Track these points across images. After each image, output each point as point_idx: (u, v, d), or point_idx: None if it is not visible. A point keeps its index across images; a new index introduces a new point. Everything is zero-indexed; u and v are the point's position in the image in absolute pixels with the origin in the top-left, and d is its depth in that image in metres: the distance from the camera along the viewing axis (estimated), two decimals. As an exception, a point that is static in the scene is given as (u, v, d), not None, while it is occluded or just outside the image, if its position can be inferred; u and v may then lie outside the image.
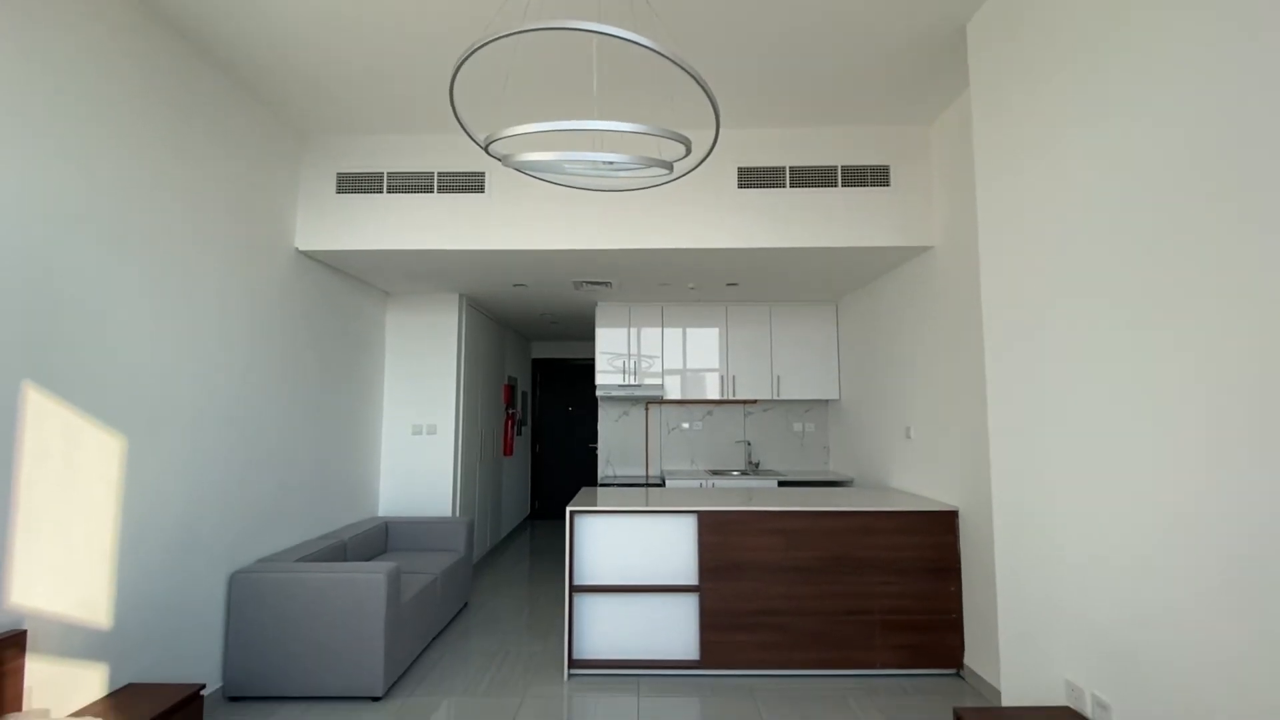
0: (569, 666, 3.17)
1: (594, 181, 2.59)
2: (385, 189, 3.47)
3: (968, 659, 3.11)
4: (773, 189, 3.44)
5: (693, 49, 2.73)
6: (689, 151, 1.91)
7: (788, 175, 3.44)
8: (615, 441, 5.50)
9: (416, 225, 3.46)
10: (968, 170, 3.06)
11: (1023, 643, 2.23)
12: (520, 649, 3.54)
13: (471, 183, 3.46)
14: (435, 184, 3.46)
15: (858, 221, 3.42)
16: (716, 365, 5.14)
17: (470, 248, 3.46)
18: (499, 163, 2.21)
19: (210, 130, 2.80)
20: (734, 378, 5.11)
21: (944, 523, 3.21)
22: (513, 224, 3.45)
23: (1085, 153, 1.93)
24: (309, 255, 3.59)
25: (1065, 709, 2.00)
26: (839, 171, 3.44)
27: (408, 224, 3.46)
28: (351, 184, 3.49)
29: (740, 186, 3.44)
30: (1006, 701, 2.33)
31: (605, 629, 3.20)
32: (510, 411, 6.61)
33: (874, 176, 3.44)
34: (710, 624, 3.17)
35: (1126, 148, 1.77)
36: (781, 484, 4.62)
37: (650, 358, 5.15)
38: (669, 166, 1.93)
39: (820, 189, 3.43)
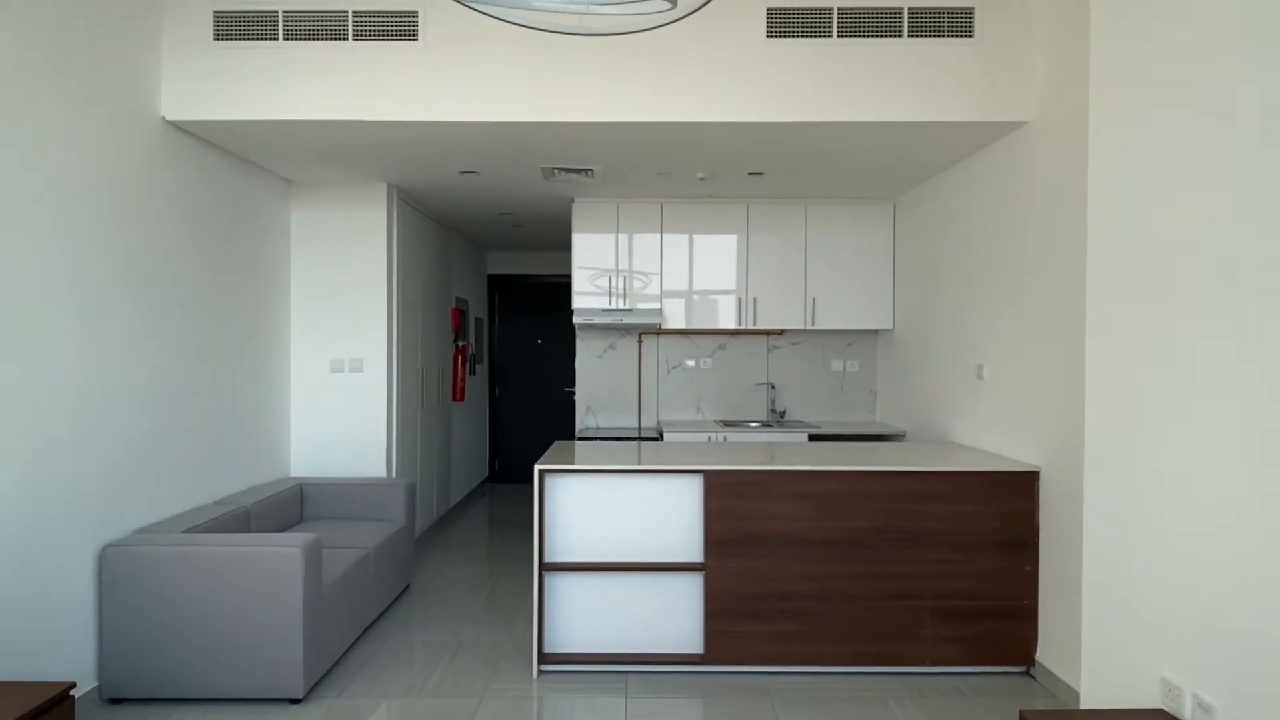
0: (539, 661, 3.27)
1: (569, 22, 2.44)
2: (281, 35, 3.32)
3: (1040, 654, 3.24)
4: (815, 39, 3.32)
5: None
6: (700, -24, 1.78)
7: (835, 19, 3.31)
8: (599, 383, 5.52)
9: (325, 86, 3.33)
10: (1081, 15, 2.92)
11: (1111, 632, 2.31)
12: (477, 640, 3.65)
13: (400, 26, 3.30)
14: (350, 28, 3.31)
15: (929, 86, 3.32)
16: (733, 285, 5.11)
17: (400, 118, 3.36)
18: (435, -9, 2.06)
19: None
20: (755, 301, 5.08)
21: (1021, 486, 3.26)
22: (458, 85, 3.33)
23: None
24: (181, 127, 3.46)
25: (1158, 712, 2.09)
26: (904, 15, 3.31)
27: (314, 84, 3.33)
28: (234, 27, 3.32)
29: (770, 35, 3.32)
30: (1086, 703, 2.44)
31: (585, 616, 3.29)
32: (461, 344, 6.59)
33: (952, 23, 3.31)
34: (717, 610, 3.26)
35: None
36: (813, 438, 4.69)
37: (645, 274, 5.10)
38: (672, -3, 1.81)
39: (880, 39, 3.32)
